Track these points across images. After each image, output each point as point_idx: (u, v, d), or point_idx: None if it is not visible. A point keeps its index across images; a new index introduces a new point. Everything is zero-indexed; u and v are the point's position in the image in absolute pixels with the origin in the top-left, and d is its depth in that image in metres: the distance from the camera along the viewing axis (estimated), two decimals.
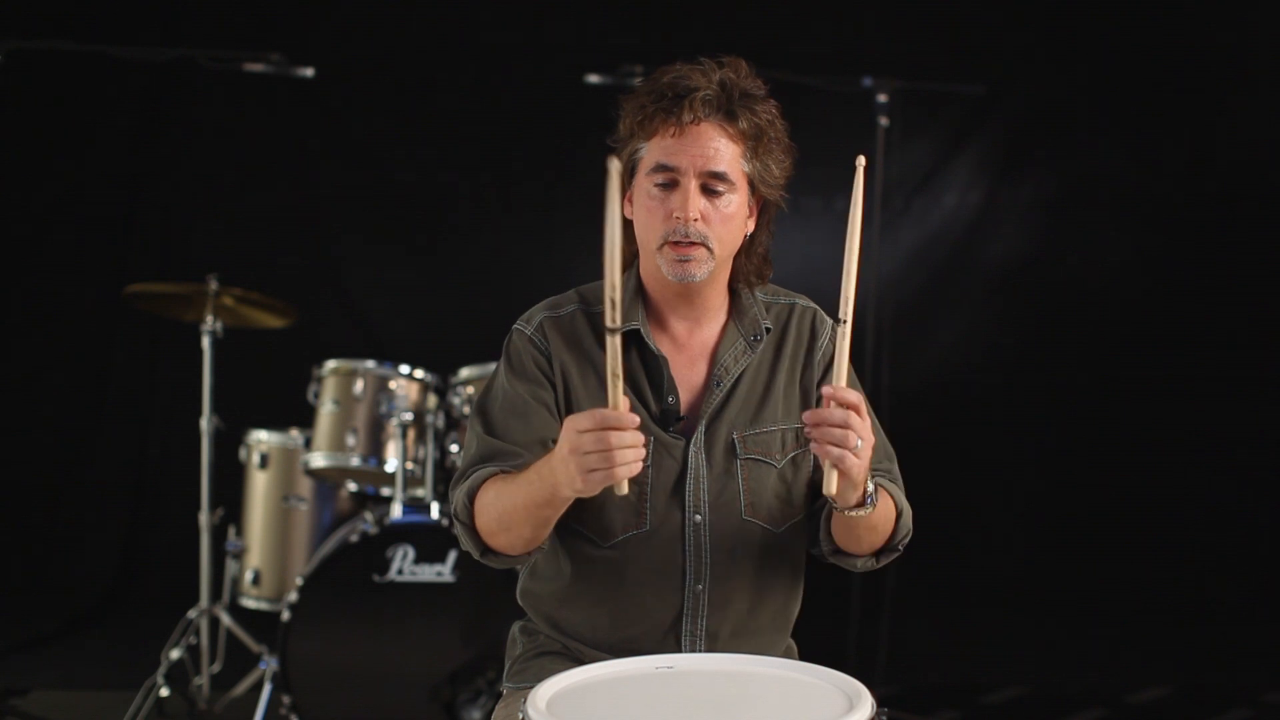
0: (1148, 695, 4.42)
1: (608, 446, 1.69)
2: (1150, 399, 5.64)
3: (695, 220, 1.94)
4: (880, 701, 1.70)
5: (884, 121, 4.14)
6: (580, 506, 1.95)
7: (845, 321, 1.80)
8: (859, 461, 1.79)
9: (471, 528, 1.95)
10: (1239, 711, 4.24)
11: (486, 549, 1.95)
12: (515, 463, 1.93)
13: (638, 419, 1.70)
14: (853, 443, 1.76)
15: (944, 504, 5.51)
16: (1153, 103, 5.56)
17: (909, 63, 5.02)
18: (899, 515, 2.02)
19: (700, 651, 2.02)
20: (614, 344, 1.67)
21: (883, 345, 4.31)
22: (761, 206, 2.04)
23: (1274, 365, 5.55)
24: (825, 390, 1.80)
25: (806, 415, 1.79)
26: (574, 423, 1.71)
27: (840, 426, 1.76)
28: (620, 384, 1.69)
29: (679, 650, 2.02)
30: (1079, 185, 5.63)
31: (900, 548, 2.03)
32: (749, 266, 2.06)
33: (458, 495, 1.95)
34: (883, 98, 4.11)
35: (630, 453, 1.70)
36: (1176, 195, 5.57)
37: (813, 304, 2.14)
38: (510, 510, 1.87)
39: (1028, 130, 5.64)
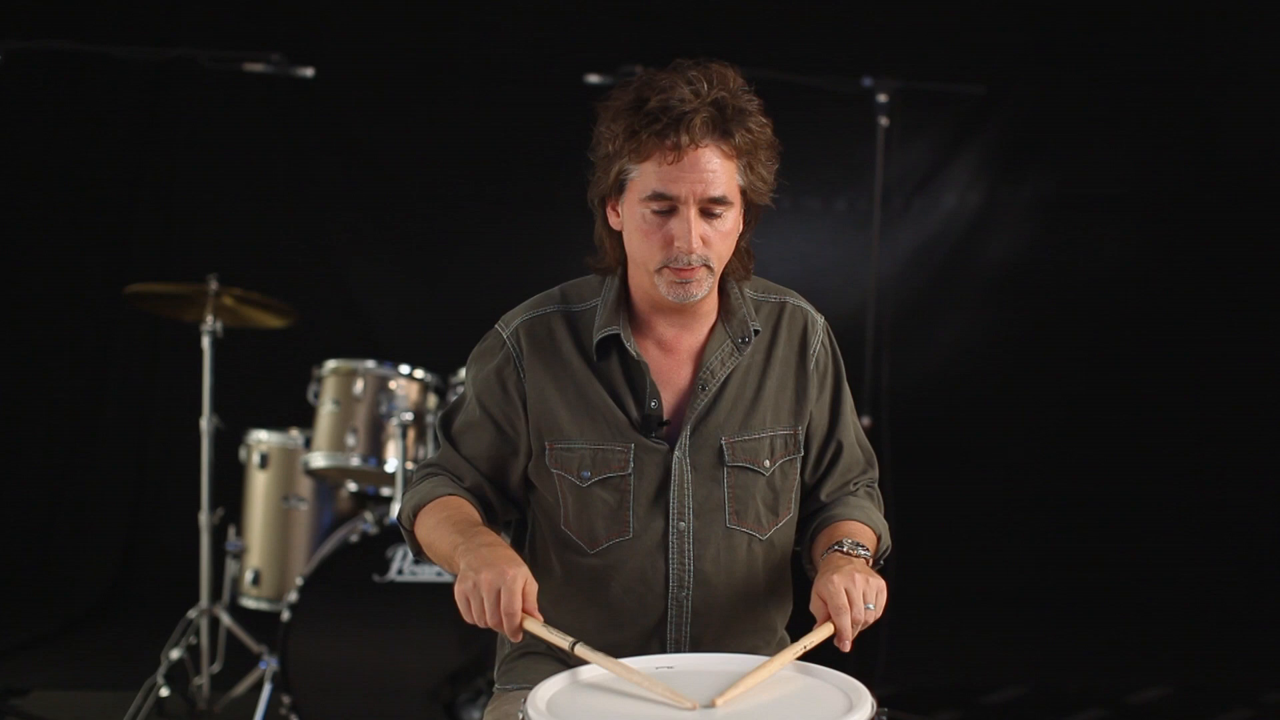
0: (1148, 695, 4.42)
1: (486, 614, 1.78)
2: (1150, 399, 5.62)
3: (696, 249, 1.91)
4: (880, 701, 1.70)
5: (884, 121, 4.14)
6: (567, 513, 2.00)
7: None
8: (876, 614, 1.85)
9: (411, 534, 2.07)
10: (1239, 711, 4.24)
11: (422, 554, 2.08)
12: (462, 484, 2.05)
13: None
14: (865, 618, 1.82)
15: (943, 504, 5.50)
16: (1152, 102, 5.55)
17: (909, 63, 5.00)
18: (878, 538, 2.03)
19: None
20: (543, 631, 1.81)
21: (883, 345, 4.31)
22: (748, 208, 2.00)
23: (1275, 365, 5.54)
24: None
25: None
26: (510, 568, 1.79)
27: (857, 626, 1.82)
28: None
29: None
30: (1079, 185, 5.61)
31: (881, 563, 2.05)
32: (734, 263, 2.03)
33: (405, 505, 2.06)
34: (883, 98, 4.11)
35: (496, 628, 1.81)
36: (1176, 195, 5.55)
37: (803, 301, 2.12)
38: (434, 546, 1.98)
39: (1028, 130, 5.63)
